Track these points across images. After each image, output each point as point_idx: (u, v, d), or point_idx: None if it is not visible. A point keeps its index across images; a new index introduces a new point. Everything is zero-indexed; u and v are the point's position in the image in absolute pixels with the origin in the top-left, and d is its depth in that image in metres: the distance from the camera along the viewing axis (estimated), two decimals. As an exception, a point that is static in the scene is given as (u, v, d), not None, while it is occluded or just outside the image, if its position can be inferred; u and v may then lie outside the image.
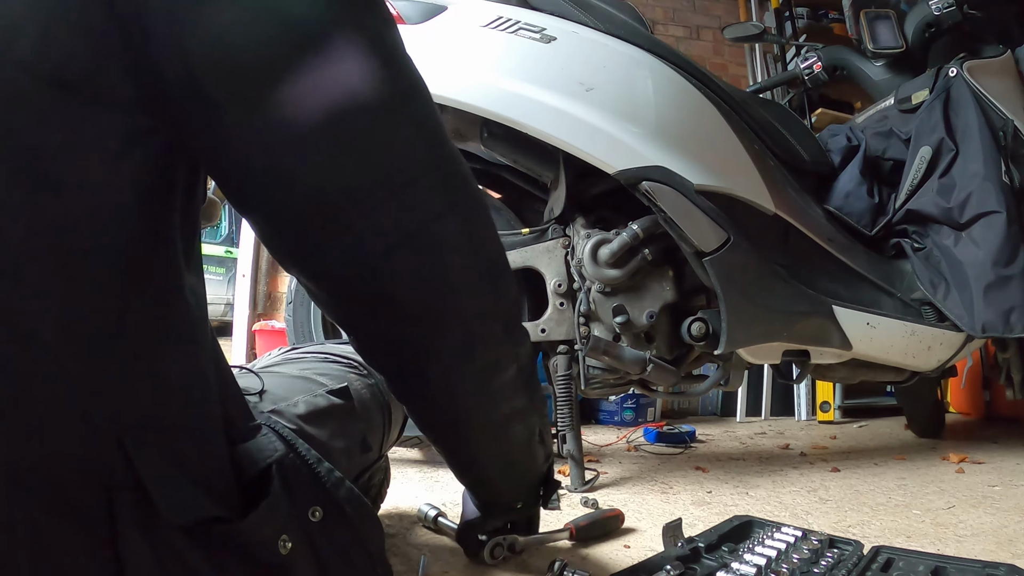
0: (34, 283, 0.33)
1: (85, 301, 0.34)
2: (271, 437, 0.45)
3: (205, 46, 0.34)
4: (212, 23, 0.34)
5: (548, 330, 1.31)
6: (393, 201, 0.40)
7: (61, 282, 0.33)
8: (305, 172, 0.39)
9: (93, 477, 0.34)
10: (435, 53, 1.20)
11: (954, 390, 2.44)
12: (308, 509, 0.44)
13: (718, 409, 2.54)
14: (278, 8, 0.36)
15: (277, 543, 0.41)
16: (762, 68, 3.02)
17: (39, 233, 0.33)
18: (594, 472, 1.29)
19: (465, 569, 0.81)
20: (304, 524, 0.44)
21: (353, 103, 0.38)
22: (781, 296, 1.29)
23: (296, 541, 0.42)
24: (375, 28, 0.40)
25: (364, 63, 0.39)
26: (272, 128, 0.37)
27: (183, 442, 0.39)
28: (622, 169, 1.18)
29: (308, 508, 0.44)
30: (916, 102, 1.54)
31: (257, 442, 0.45)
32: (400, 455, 1.49)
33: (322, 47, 0.37)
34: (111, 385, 0.35)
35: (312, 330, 1.41)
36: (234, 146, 0.37)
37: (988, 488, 1.25)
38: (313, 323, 1.41)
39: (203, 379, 0.42)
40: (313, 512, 0.45)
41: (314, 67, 0.36)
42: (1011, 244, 1.33)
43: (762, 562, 0.64)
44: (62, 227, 0.33)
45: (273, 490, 0.42)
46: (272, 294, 2.54)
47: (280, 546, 0.41)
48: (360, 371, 0.73)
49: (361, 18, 0.39)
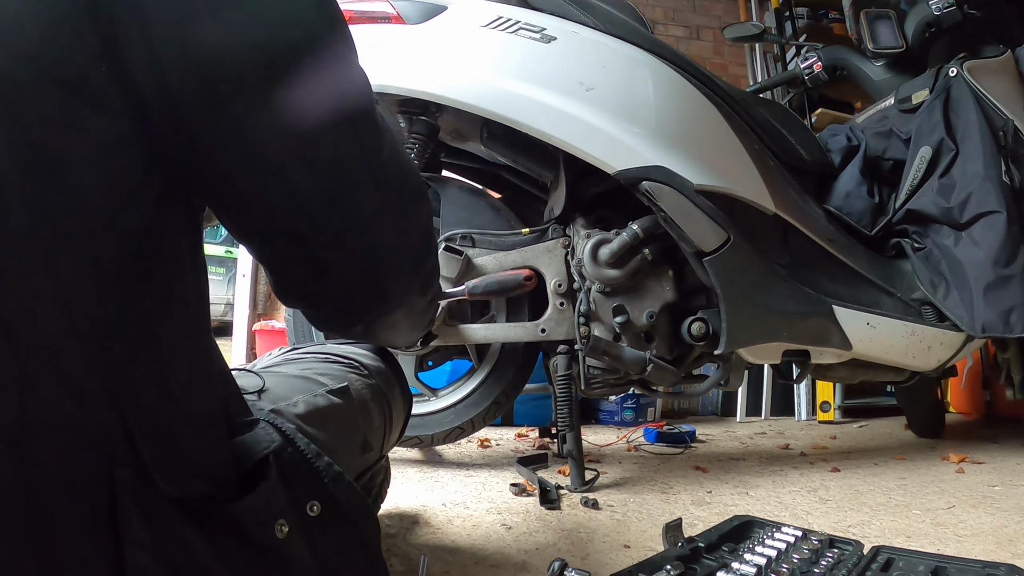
0: (38, 266, 0.33)
1: (88, 287, 0.35)
2: (269, 430, 0.46)
3: (180, 59, 0.36)
4: (188, 39, 0.36)
5: (548, 330, 1.31)
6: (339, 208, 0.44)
7: (64, 267, 0.34)
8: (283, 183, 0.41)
9: (94, 453, 0.35)
10: (435, 53, 1.20)
11: (954, 390, 2.44)
12: (306, 503, 0.45)
13: (718, 409, 2.54)
14: (258, 26, 0.38)
15: (274, 526, 0.42)
16: (762, 68, 3.03)
17: (45, 219, 0.34)
18: (594, 472, 1.29)
19: (465, 569, 0.81)
20: (302, 518, 0.44)
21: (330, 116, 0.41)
22: (781, 296, 1.29)
23: (293, 530, 0.43)
24: (343, 47, 0.44)
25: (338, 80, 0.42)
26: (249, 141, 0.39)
27: (184, 426, 0.40)
28: (622, 169, 1.18)
29: (306, 502, 0.45)
30: (916, 102, 1.54)
31: (255, 434, 0.45)
32: (400, 455, 1.49)
33: (316, 55, 0.40)
34: (113, 366, 0.36)
35: (312, 330, 1.40)
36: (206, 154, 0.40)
37: (988, 488, 1.25)
38: (313, 323, 1.41)
39: (204, 368, 0.43)
40: (311, 507, 0.45)
41: (289, 83, 0.39)
42: (1011, 244, 1.33)
43: (762, 562, 0.64)
44: (66, 215, 0.34)
45: (271, 475, 0.43)
46: (272, 294, 2.54)
47: (277, 530, 0.42)
48: (361, 371, 0.73)
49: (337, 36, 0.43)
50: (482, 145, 1.32)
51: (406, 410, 0.84)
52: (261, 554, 0.41)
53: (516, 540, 0.92)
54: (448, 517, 1.03)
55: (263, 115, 0.39)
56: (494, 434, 1.91)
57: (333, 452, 0.49)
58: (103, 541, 0.34)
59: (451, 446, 1.66)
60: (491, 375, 1.42)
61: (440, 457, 1.54)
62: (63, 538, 0.33)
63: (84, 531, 0.34)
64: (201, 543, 0.38)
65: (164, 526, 0.36)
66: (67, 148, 0.34)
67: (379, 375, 0.76)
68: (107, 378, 0.35)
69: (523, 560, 0.83)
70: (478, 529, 0.97)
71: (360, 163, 0.45)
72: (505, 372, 1.42)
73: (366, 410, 0.70)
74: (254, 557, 0.41)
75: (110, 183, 0.36)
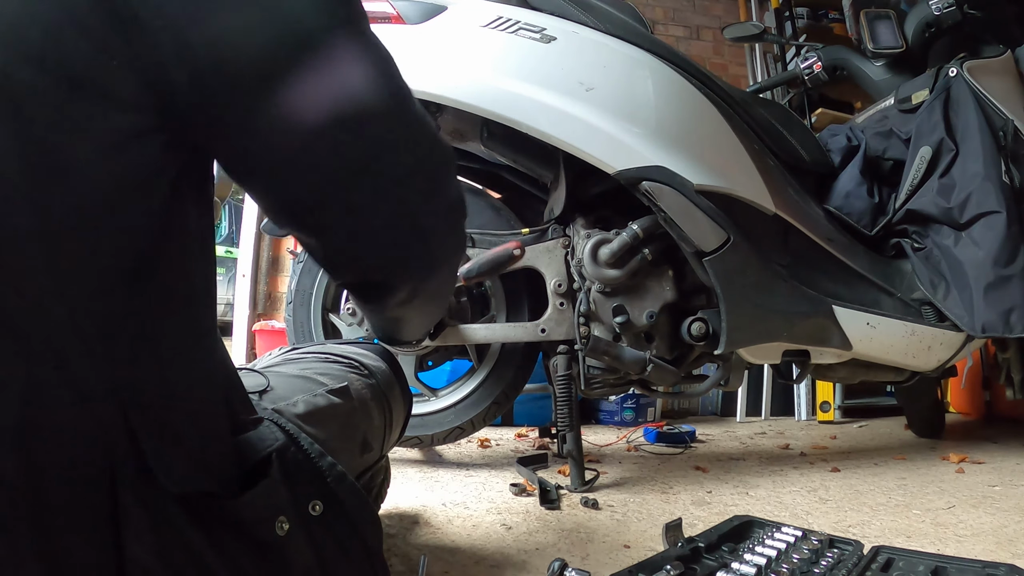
0: (41, 264, 0.33)
1: (90, 284, 0.35)
2: (273, 429, 0.46)
3: (203, 50, 0.36)
4: (210, 29, 0.36)
5: (548, 330, 1.31)
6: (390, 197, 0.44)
7: (66, 264, 0.34)
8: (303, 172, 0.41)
9: (97, 447, 0.35)
10: (435, 53, 1.20)
11: (954, 390, 2.44)
12: (309, 503, 0.45)
13: (718, 409, 2.54)
14: (276, 17, 0.38)
15: (274, 523, 0.42)
16: (762, 68, 3.02)
17: (47, 216, 0.34)
18: (594, 472, 1.29)
19: (465, 569, 0.81)
20: (304, 517, 0.44)
21: (351, 106, 0.41)
22: (781, 296, 1.29)
23: (294, 528, 0.43)
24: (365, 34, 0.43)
25: (360, 68, 0.41)
26: (269, 130, 0.39)
27: (186, 423, 0.40)
28: (622, 169, 1.18)
29: (308, 502, 0.45)
30: (916, 102, 1.54)
31: (259, 432, 0.46)
32: (400, 455, 1.49)
33: (320, 53, 0.39)
34: (116, 363, 0.36)
35: (312, 330, 1.40)
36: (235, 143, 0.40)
37: (988, 488, 1.25)
38: (313, 323, 1.41)
39: (208, 365, 0.43)
40: (313, 506, 0.45)
41: (311, 71, 0.39)
42: (1011, 244, 1.33)
43: (762, 562, 0.64)
44: (69, 213, 0.34)
45: (272, 473, 0.43)
46: (272, 294, 2.54)
47: (277, 527, 0.42)
48: (361, 371, 0.73)
49: (356, 24, 0.42)
50: (482, 145, 1.32)
51: (406, 410, 0.84)
52: (261, 551, 0.41)
53: (516, 540, 0.92)
54: (448, 517, 1.03)
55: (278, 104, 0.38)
56: (494, 434, 1.91)
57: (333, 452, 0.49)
58: (104, 536, 0.34)
59: (451, 446, 1.66)
60: (491, 375, 1.42)
61: (440, 457, 1.54)
62: (65, 534, 0.33)
63: (86, 527, 0.34)
64: (201, 539, 0.38)
65: (165, 522, 0.36)
66: (71, 144, 0.34)
67: (379, 375, 0.76)
68: (110, 375, 0.35)
69: (523, 560, 0.83)
70: (478, 529, 0.97)
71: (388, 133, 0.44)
72: (505, 372, 1.42)
73: (366, 410, 0.70)
74: (254, 554, 0.41)
75: (115, 179, 0.36)
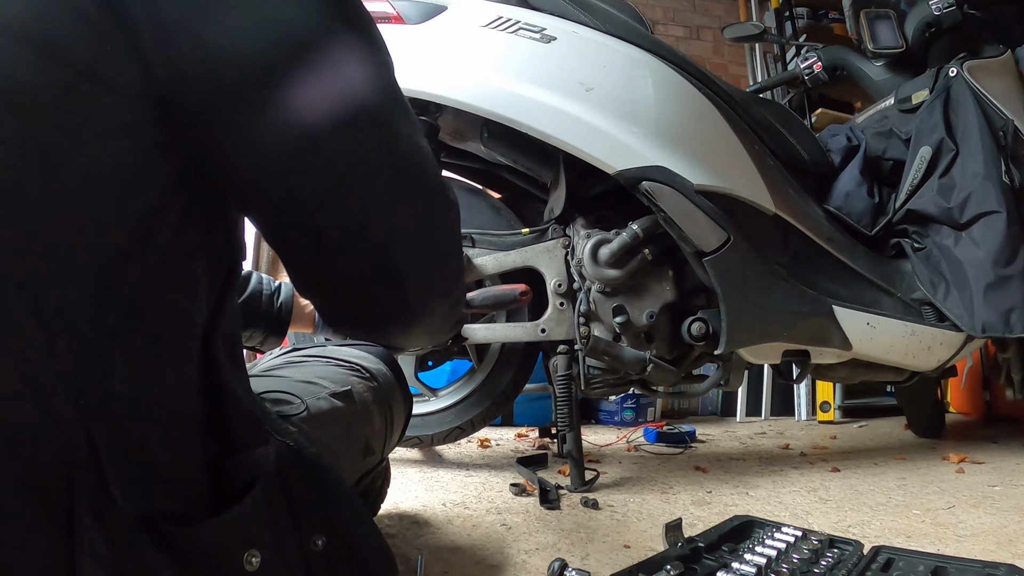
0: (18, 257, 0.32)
1: (60, 281, 0.34)
2: (270, 451, 0.42)
3: (207, 51, 0.35)
4: (215, 30, 0.35)
5: (548, 330, 1.31)
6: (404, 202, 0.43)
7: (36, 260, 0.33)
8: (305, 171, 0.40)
9: (54, 454, 0.33)
10: (435, 53, 1.20)
11: (954, 390, 2.44)
12: (311, 537, 0.41)
13: (718, 409, 2.54)
14: (278, 21, 0.37)
15: (243, 556, 0.38)
16: (762, 68, 3.03)
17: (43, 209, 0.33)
18: (594, 472, 1.29)
19: (465, 569, 0.81)
20: (304, 553, 0.41)
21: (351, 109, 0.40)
22: (781, 296, 1.29)
23: (272, 564, 0.39)
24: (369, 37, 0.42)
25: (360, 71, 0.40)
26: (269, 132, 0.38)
27: (154, 438, 0.37)
28: (622, 169, 1.18)
29: (311, 536, 0.41)
30: (916, 102, 1.54)
31: (254, 454, 0.42)
32: (400, 455, 1.49)
33: (320, 56, 0.38)
34: (81, 366, 0.34)
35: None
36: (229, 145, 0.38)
37: (988, 488, 1.25)
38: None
39: (196, 379, 0.40)
40: (315, 541, 0.41)
41: (312, 74, 0.38)
42: (1011, 244, 1.33)
43: (762, 562, 0.64)
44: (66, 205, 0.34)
45: (246, 501, 0.39)
46: (272, 294, 2.54)
47: (245, 560, 0.38)
48: (362, 374, 0.73)
49: (359, 27, 0.41)
50: (482, 145, 1.32)
51: (407, 412, 0.84)
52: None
53: (516, 540, 0.92)
54: (448, 517, 1.03)
55: (271, 109, 0.37)
56: (494, 434, 1.91)
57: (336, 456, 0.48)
58: (57, 547, 0.32)
59: (451, 446, 1.66)
60: (491, 375, 1.42)
61: (440, 457, 1.54)
62: (15, 539, 0.31)
63: (39, 534, 0.32)
64: (162, 564, 0.34)
65: (123, 539, 0.33)
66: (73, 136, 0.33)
67: (381, 378, 0.76)
68: (74, 376, 0.34)
69: (523, 560, 0.83)
70: (478, 529, 0.97)
71: (375, 155, 0.42)
72: (505, 372, 1.42)
73: (368, 413, 0.70)
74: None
75: (105, 176, 0.35)
